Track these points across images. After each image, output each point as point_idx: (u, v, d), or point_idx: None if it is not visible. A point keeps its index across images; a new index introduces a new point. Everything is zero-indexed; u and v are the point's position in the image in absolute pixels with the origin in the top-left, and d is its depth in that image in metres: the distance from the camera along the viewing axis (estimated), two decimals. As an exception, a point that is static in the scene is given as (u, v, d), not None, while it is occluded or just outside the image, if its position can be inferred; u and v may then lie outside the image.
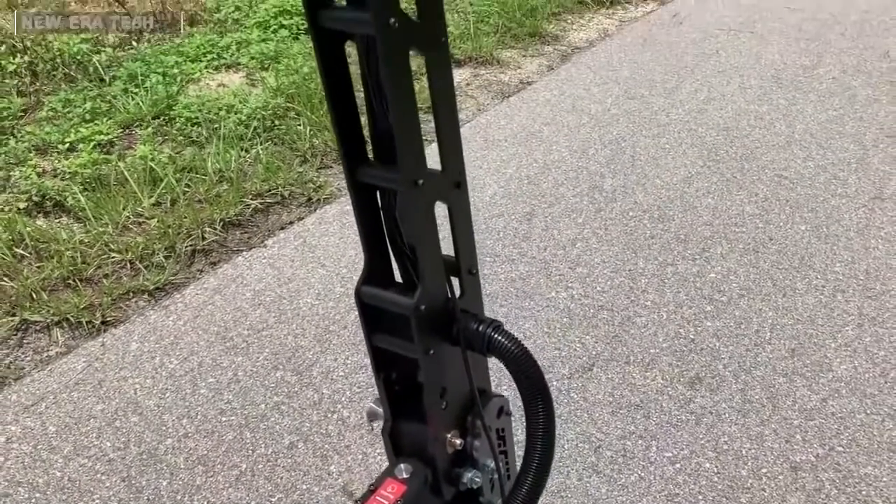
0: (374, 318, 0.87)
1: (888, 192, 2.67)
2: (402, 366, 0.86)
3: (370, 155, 0.84)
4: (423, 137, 0.77)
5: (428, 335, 0.81)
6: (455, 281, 0.87)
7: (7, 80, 3.42)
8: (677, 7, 4.68)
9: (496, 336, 0.83)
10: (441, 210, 0.78)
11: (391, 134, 0.76)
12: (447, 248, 0.80)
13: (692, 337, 1.98)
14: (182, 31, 4.12)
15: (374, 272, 0.85)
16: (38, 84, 3.44)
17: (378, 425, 0.89)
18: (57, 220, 2.43)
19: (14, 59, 3.55)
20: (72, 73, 3.42)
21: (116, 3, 4.72)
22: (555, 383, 1.80)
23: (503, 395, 0.91)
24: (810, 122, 3.17)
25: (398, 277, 0.87)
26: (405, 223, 0.83)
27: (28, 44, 3.74)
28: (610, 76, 3.62)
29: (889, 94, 3.45)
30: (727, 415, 1.74)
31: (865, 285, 2.19)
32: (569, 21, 4.39)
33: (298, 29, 3.87)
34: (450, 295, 0.85)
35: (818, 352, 1.93)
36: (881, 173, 2.79)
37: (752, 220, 2.50)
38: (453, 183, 0.85)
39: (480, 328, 0.84)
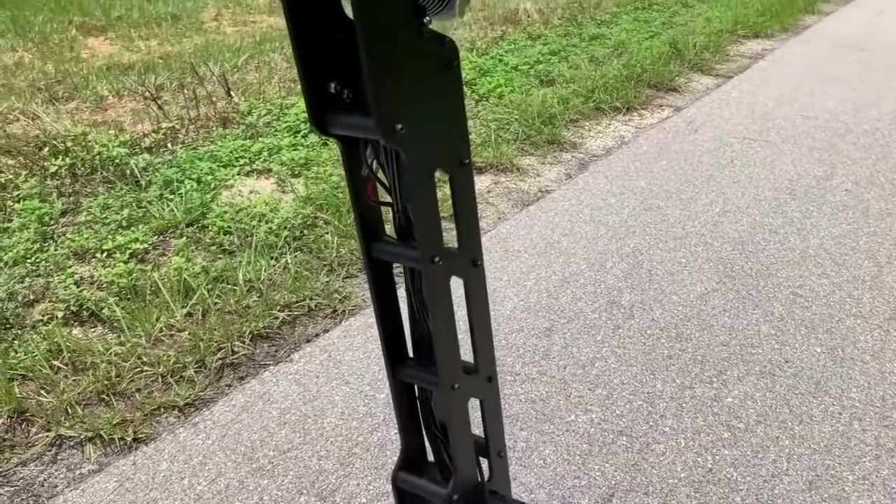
0: (409, 501, 0.92)
1: (903, 312, 2.71)
2: None
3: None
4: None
5: None
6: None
7: (49, 182, 3.58)
8: (692, 114, 4.83)
9: None
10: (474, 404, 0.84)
11: (430, 336, 0.84)
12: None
13: (710, 466, 2.01)
14: (215, 132, 4.30)
15: (409, 457, 0.92)
16: (77, 186, 3.60)
17: None
18: (92, 330, 2.52)
19: (56, 160, 3.72)
20: (110, 176, 3.58)
21: (153, 102, 4.95)
22: (574, 514, 1.83)
23: None
24: (824, 237, 3.24)
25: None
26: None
27: (69, 144, 3.93)
28: (627, 186, 3.73)
29: (902, 207, 3.53)
30: (745, 552, 1.75)
31: (882, 413, 2.21)
32: (586, 128, 4.54)
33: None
34: (480, 479, 0.91)
35: (836, 485, 1.95)
36: (896, 292, 2.84)
37: (768, 341, 2.54)
38: (485, 378, 0.91)
39: None
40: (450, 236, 0.90)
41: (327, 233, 3.11)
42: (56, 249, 2.92)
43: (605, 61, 5.77)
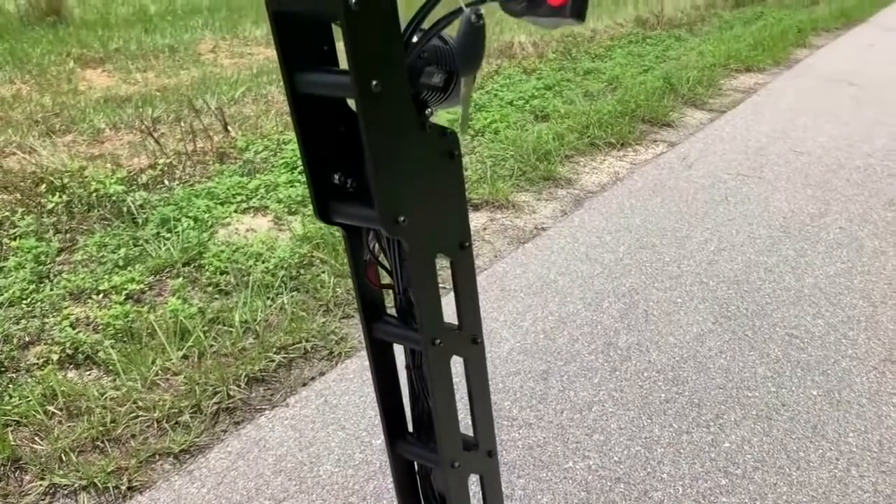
0: None
1: (898, 353, 2.72)
2: None
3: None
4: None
5: None
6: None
7: (45, 219, 3.58)
8: (686, 149, 4.87)
9: None
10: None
11: (429, 413, 0.84)
12: None
13: (708, 515, 2.00)
14: (212, 167, 4.32)
15: None
16: (73, 223, 3.60)
17: None
18: (88, 373, 2.51)
19: (53, 196, 3.72)
20: (106, 214, 3.58)
21: (150, 137, 4.97)
22: (572, 565, 1.82)
23: None
24: (819, 276, 3.25)
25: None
26: None
27: (66, 180, 3.93)
28: (622, 223, 3.75)
29: (895, 245, 3.55)
30: None
31: (879, 458, 2.21)
32: (581, 164, 4.57)
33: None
34: None
35: (834, 534, 1.94)
36: (890, 332, 2.84)
37: (765, 384, 2.54)
38: (485, 452, 0.91)
39: None
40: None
41: (323, 272, 3.11)
42: (52, 290, 2.92)
43: (600, 96, 5.82)
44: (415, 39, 0.80)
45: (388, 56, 0.73)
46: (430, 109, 0.81)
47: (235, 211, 3.65)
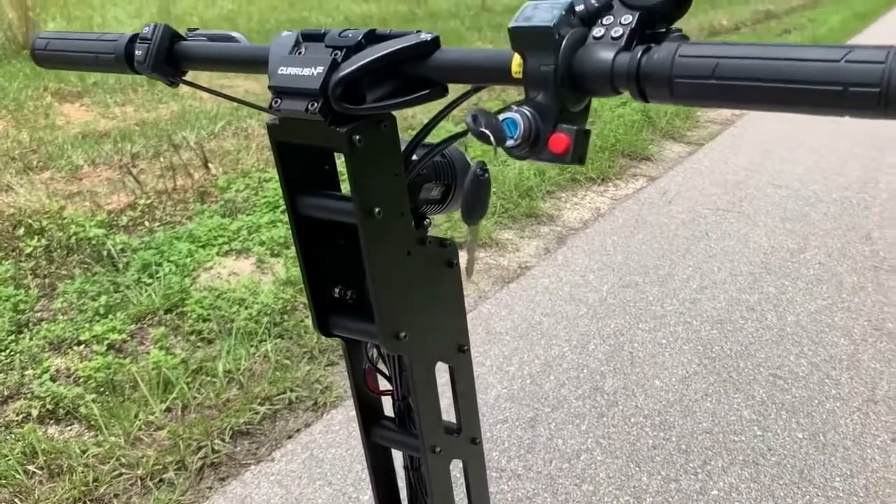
0: None
1: (880, 393, 2.74)
2: None
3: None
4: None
5: None
6: None
7: (24, 264, 3.53)
8: (666, 183, 4.92)
9: None
10: None
11: None
12: None
13: (699, 568, 1.99)
14: (192, 207, 4.30)
15: None
16: (52, 268, 3.56)
17: None
18: (69, 428, 2.46)
19: (31, 240, 3.68)
20: (86, 258, 3.54)
21: (129, 175, 4.94)
22: None
23: None
24: (800, 314, 3.28)
25: None
26: None
27: (45, 223, 3.89)
28: (605, 261, 3.77)
29: (873, 280, 3.60)
30: None
31: (865, 503, 2.23)
32: (562, 199, 4.60)
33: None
34: None
35: (825, 585, 1.95)
36: (872, 372, 2.87)
37: (751, 428, 2.55)
38: None
39: None
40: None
41: (307, 316, 3.09)
42: (31, 340, 2.87)
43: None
44: (415, 157, 0.81)
45: (391, 185, 0.75)
46: (428, 220, 0.82)
47: (217, 254, 3.63)
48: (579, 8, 0.65)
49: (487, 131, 0.65)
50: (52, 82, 7.79)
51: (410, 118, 5.13)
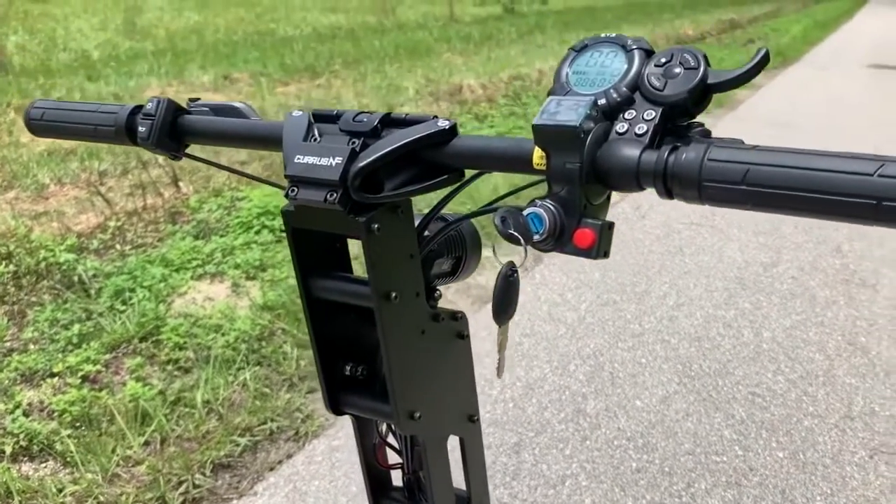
0: None
1: (856, 409, 2.78)
2: None
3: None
4: None
5: None
6: None
7: (-9, 291, 3.45)
8: (638, 197, 4.96)
9: None
10: None
11: None
12: None
13: None
14: (164, 229, 4.23)
15: None
16: (22, 294, 3.48)
17: None
18: (44, 465, 2.40)
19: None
20: (56, 284, 3.47)
21: (97, 194, 4.86)
22: None
23: None
24: (776, 329, 3.32)
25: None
26: None
27: (12, 247, 3.81)
28: (582, 279, 3.78)
29: (845, 294, 3.66)
30: None
31: (847, 524, 2.25)
32: (539, 215, 4.61)
33: (281, 232, 4.00)
34: None
35: None
36: (848, 387, 2.91)
37: (732, 447, 2.57)
38: None
39: None
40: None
41: (286, 342, 3.06)
42: (2, 373, 2.80)
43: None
44: (427, 232, 0.80)
45: (406, 267, 0.74)
46: (438, 292, 0.81)
47: (192, 278, 3.57)
48: (601, 101, 0.64)
49: (517, 234, 0.65)
50: (16, 98, 7.65)
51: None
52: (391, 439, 0.85)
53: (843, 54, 13.23)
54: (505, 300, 0.76)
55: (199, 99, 0.94)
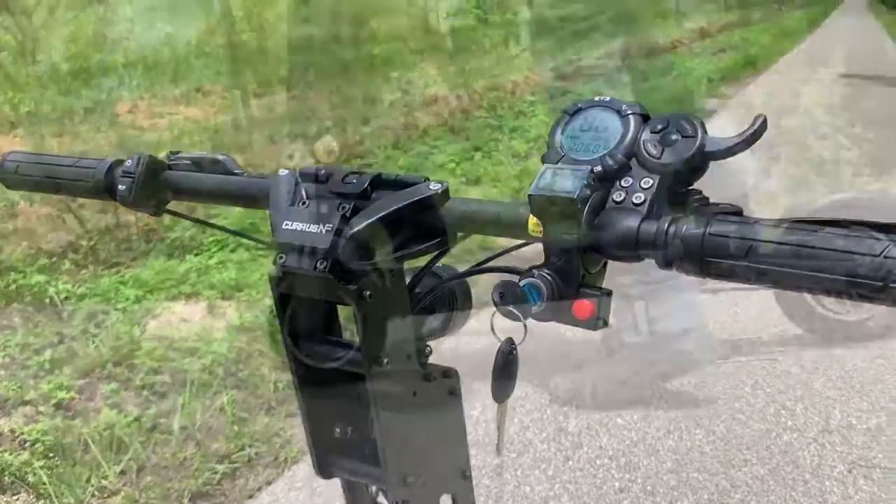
0: None
1: (833, 423, 2.80)
2: None
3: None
4: None
5: None
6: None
7: (-40, 315, 3.38)
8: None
9: None
10: None
11: None
12: None
13: None
14: (137, 248, 4.18)
15: None
16: (-9, 317, 3.41)
17: None
18: (16, 498, 2.35)
19: (-33, 289, 3.52)
20: (28, 307, 3.41)
21: (68, 211, 4.78)
22: None
23: None
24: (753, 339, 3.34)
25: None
26: None
27: (-20, 268, 3.74)
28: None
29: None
30: None
31: (829, 540, 2.26)
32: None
33: (257, 249, 3.97)
34: None
35: None
36: (826, 399, 2.93)
37: (713, 464, 2.58)
38: None
39: None
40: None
41: (263, 364, 3.02)
42: (-28, 402, 2.74)
43: (528, 156, 5.92)
44: (417, 290, 0.78)
45: (398, 330, 0.73)
46: (429, 349, 0.80)
47: (166, 298, 3.52)
48: (597, 169, 0.63)
49: (517, 311, 0.65)
50: (-18, 113, 7.52)
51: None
52: (381, 498, 0.84)
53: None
54: (504, 377, 0.75)
55: (179, 152, 0.92)
